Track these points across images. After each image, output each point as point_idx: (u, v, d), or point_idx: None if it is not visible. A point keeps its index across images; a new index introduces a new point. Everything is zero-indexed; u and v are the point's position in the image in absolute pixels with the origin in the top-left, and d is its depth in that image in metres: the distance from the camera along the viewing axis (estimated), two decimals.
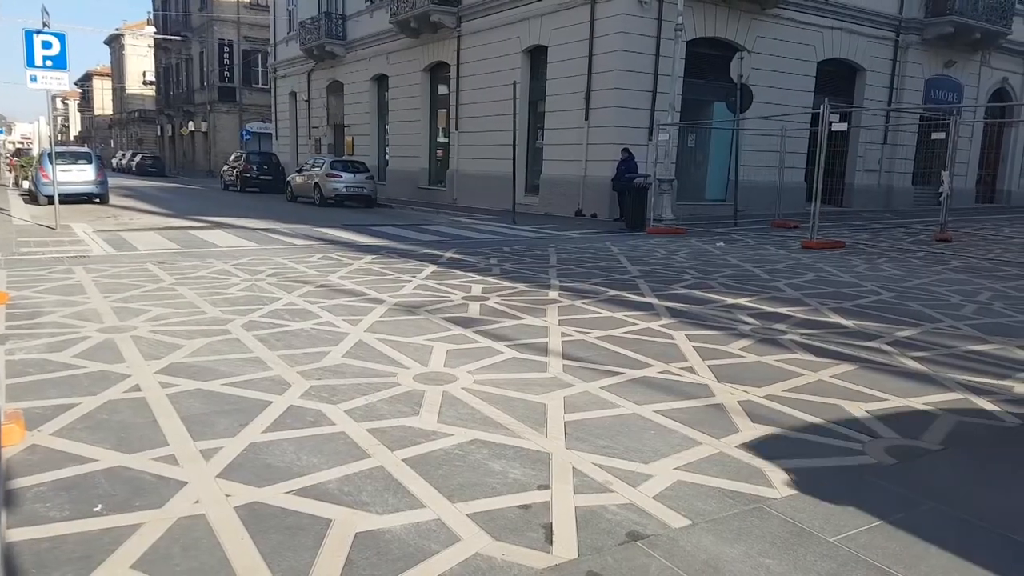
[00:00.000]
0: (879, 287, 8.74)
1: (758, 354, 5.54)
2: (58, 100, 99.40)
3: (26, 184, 23.42)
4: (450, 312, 6.87)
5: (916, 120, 23.30)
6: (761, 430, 3.95)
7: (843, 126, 13.94)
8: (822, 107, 13.03)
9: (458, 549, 2.68)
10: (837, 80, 22.31)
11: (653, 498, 3.13)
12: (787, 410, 4.28)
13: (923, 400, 4.51)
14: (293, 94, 36.52)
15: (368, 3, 28.57)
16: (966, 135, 23.33)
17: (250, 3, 48.62)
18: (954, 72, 24.71)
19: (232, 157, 33.80)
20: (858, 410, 4.30)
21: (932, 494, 3.21)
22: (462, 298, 7.59)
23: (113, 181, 26.03)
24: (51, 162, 14.34)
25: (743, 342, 5.92)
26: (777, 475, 3.38)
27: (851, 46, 22.17)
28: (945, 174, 14.60)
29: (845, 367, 5.20)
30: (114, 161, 57.65)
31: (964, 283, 9.17)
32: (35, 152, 26.84)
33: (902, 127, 23.65)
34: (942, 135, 17.11)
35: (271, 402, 4.23)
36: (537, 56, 21.02)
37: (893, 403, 4.45)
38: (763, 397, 4.50)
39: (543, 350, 5.53)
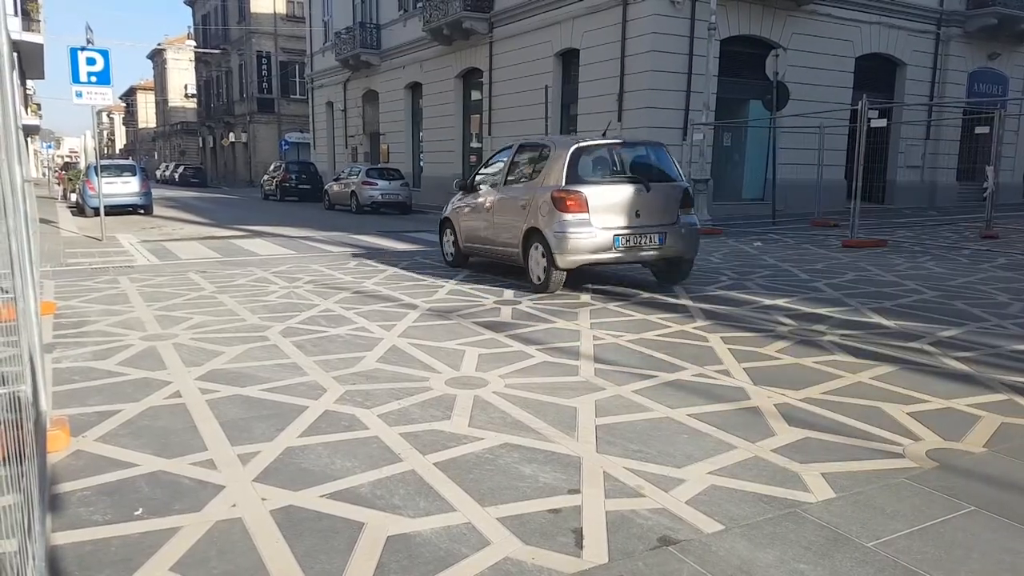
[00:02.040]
0: (922, 286, 8.54)
1: (796, 356, 5.46)
2: (104, 114, 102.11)
3: (74, 197, 24.11)
4: (482, 316, 6.90)
5: (959, 114, 22.74)
6: (798, 433, 3.89)
7: (882, 122, 13.66)
8: (860, 103, 12.79)
9: (488, 553, 2.69)
10: (876, 75, 21.88)
11: (686, 503, 3.10)
12: (825, 413, 4.21)
13: (966, 402, 4.40)
14: (330, 104, 37.02)
15: (401, 12, 28.86)
16: (1012, 129, 22.64)
17: (287, 15, 49.45)
18: (998, 64, 24.07)
19: (272, 167, 34.41)
20: (898, 412, 4.21)
21: (974, 498, 3.13)
22: (494, 302, 7.62)
23: (157, 192, 26.68)
24: (97, 175, 14.76)
25: (780, 344, 5.84)
26: (813, 479, 3.33)
27: (890, 40, 21.74)
28: (989, 169, 14.22)
29: (886, 368, 5.10)
30: (158, 173, 59.08)
31: (1011, 281, 8.92)
32: (82, 166, 27.61)
33: (945, 122, 23.11)
34: (986, 129, 16.67)
35: (307, 407, 4.29)
36: (569, 59, 21.01)
37: (935, 405, 4.35)
38: (800, 400, 4.44)
39: (575, 354, 5.52)
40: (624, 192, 7.96)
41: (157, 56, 76.10)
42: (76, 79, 12.22)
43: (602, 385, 4.72)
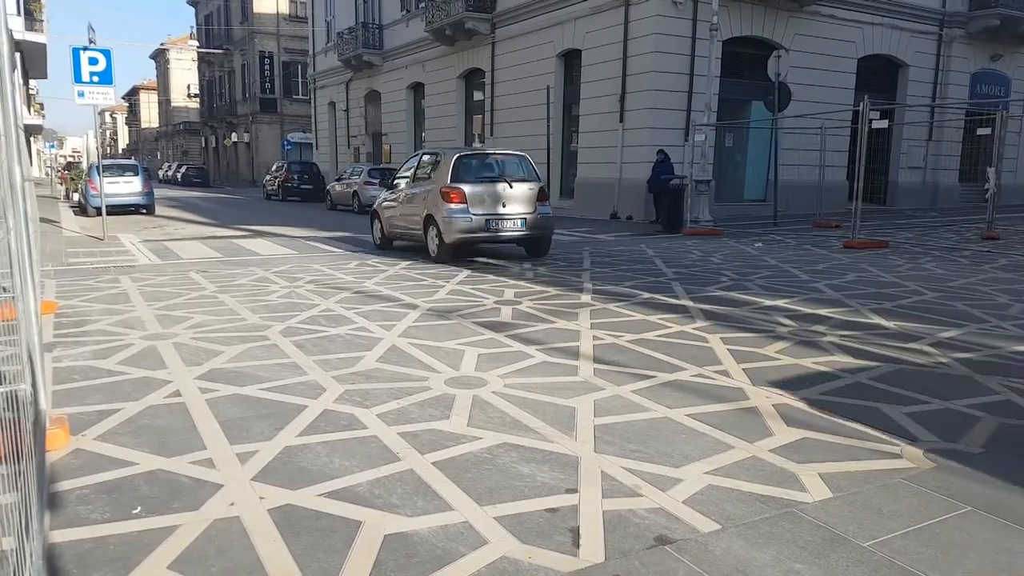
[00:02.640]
0: (923, 287, 8.54)
1: (795, 357, 5.46)
2: (107, 114, 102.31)
3: (76, 196, 24.15)
4: (482, 316, 6.90)
5: (962, 116, 22.72)
6: (796, 434, 3.90)
7: (884, 123, 13.67)
8: (862, 104, 12.79)
9: (485, 552, 2.70)
10: (879, 76, 21.87)
11: (683, 502, 3.11)
12: (823, 413, 4.21)
13: (964, 402, 4.40)
14: (332, 104, 37.06)
15: (404, 13, 28.89)
16: (1014, 130, 22.59)
17: (289, 15, 49.52)
18: (1001, 66, 24.04)
19: (274, 167, 34.45)
20: (897, 412, 4.21)
21: (971, 498, 3.13)
22: (495, 302, 7.63)
23: (159, 192, 26.73)
24: (99, 175, 14.79)
25: (780, 344, 5.84)
26: (811, 479, 3.34)
27: (893, 41, 21.73)
28: (991, 170, 14.20)
29: (885, 369, 5.10)
30: (160, 172, 59.17)
31: (1012, 282, 8.92)
32: (84, 165, 27.67)
33: (947, 123, 23.09)
34: (988, 131, 16.64)
35: (306, 406, 4.30)
36: (571, 60, 21.02)
37: (934, 405, 4.35)
38: (799, 400, 4.44)
39: (574, 354, 5.53)
40: (494, 189, 10.58)
41: (160, 56, 76.23)
42: (78, 79, 12.26)
43: (601, 385, 4.73)
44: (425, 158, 11.89)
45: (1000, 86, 24.04)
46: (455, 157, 10.80)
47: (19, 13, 21.92)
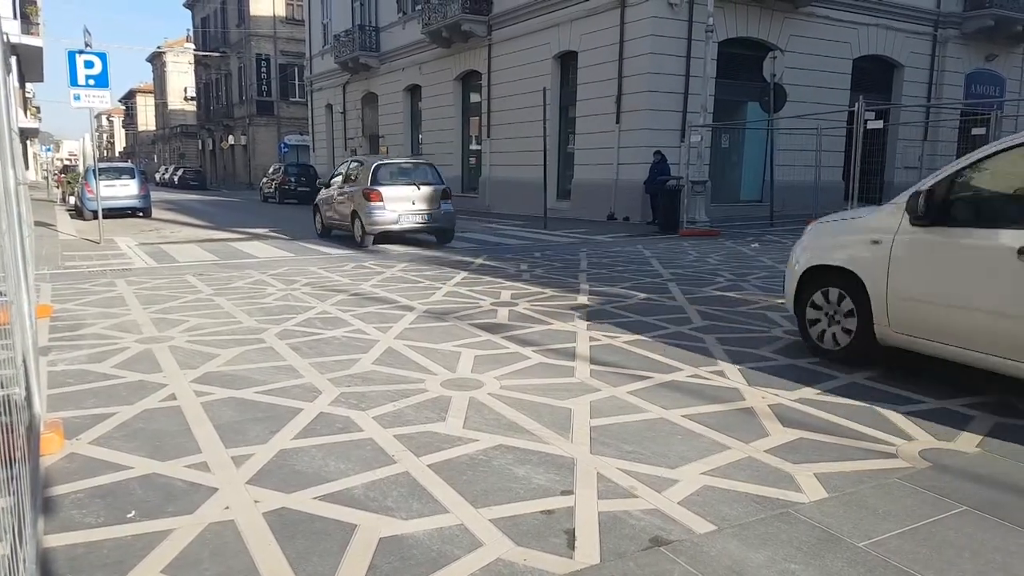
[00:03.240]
0: None
1: (791, 357, 5.46)
2: (103, 117, 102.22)
3: (72, 200, 24.11)
4: (479, 318, 6.90)
5: (957, 116, 22.75)
6: (792, 434, 3.90)
7: (878, 124, 13.69)
8: (857, 105, 12.82)
9: (480, 554, 2.70)
10: (874, 77, 21.91)
11: (678, 503, 3.10)
12: (819, 413, 4.21)
13: (960, 402, 4.41)
14: (329, 106, 37.04)
15: (400, 15, 28.89)
16: (1008, 130, 22.60)
17: (286, 18, 49.47)
18: (995, 66, 24.09)
19: (271, 170, 34.43)
20: (892, 412, 4.22)
21: (966, 498, 3.13)
22: (491, 304, 7.62)
23: (156, 195, 26.70)
24: (95, 178, 14.76)
25: (776, 345, 5.84)
26: (806, 479, 3.34)
27: (888, 42, 21.77)
28: None
29: (880, 369, 5.10)
30: (157, 175, 59.09)
31: None
32: (81, 168, 27.62)
33: (942, 123, 23.11)
34: (983, 130, 16.68)
35: (301, 409, 4.30)
36: (567, 62, 21.03)
37: (929, 405, 4.36)
38: (795, 400, 4.44)
39: (571, 355, 5.52)
40: (406, 190, 13.26)
41: (157, 59, 76.15)
42: (74, 82, 12.23)
43: (597, 386, 4.73)
44: (353, 164, 14.63)
45: (995, 86, 24.09)
46: (374, 165, 13.52)
47: (15, 16, 21.88)
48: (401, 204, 13.11)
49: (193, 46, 63.84)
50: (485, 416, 4.17)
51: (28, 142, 36.55)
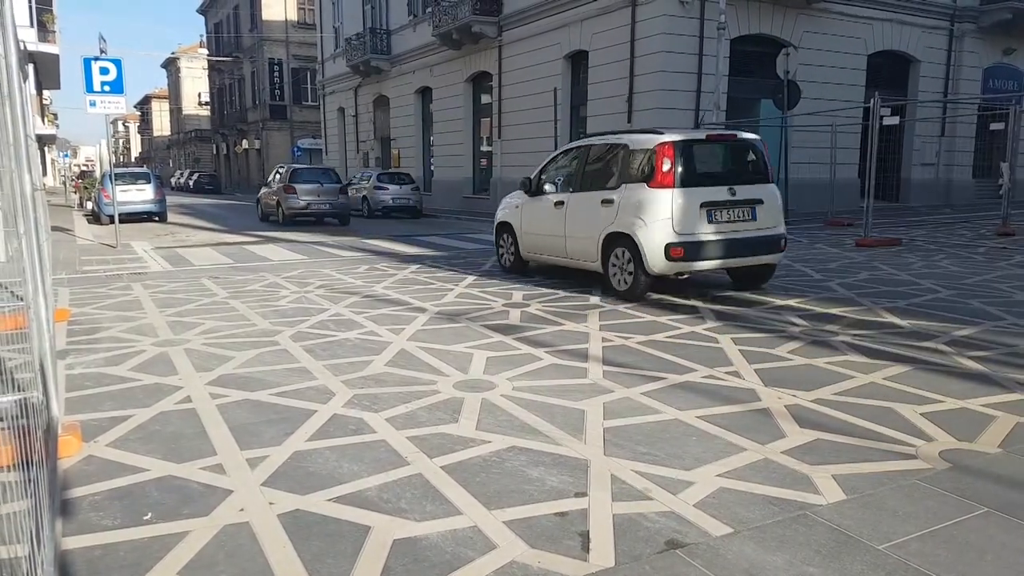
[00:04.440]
0: (937, 285, 8.46)
1: (808, 357, 5.42)
2: (119, 123, 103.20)
3: (89, 205, 24.34)
4: (491, 319, 6.89)
5: (974, 111, 22.53)
6: (809, 435, 3.86)
7: (894, 120, 13.57)
8: (872, 101, 12.70)
9: (494, 557, 2.69)
10: (889, 72, 21.73)
11: (694, 506, 3.08)
12: (837, 414, 4.17)
13: (981, 401, 4.35)
14: (341, 110, 37.19)
15: (411, 17, 28.97)
16: None
17: (298, 22, 49.72)
18: (1014, 60, 23.83)
19: None
20: (911, 413, 4.17)
21: (988, 499, 3.09)
22: (503, 305, 7.61)
23: (171, 199, 26.91)
24: (112, 183, 14.89)
25: (792, 344, 5.79)
26: (824, 481, 3.30)
27: (903, 37, 21.59)
28: (1005, 166, 14.08)
29: (899, 368, 5.05)
30: (173, 180, 59.59)
31: None
32: (97, 174, 27.88)
33: (959, 119, 22.89)
34: (1001, 125, 16.50)
35: (315, 411, 4.30)
36: (578, 61, 21.01)
37: (949, 405, 4.30)
38: (812, 401, 4.40)
39: (583, 356, 5.51)
40: (314, 186, 20.08)
41: (171, 65, 76.79)
42: (90, 88, 12.35)
43: (611, 387, 4.70)
44: (282, 169, 21.56)
45: (1013, 80, 23.84)
46: (291, 167, 21.19)
47: (32, 24, 22.12)
48: (310, 196, 20.06)
49: (206, 51, 64.30)
50: (498, 417, 4.16)
51: (46, 148, 36.94)
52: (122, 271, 10.80)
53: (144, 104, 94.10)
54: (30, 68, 20.48)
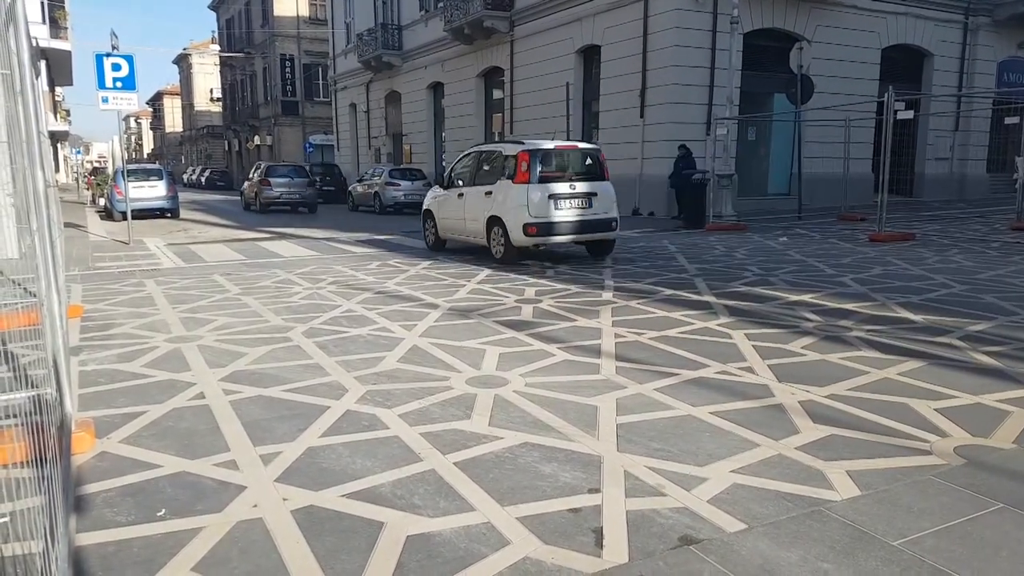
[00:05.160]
0: (951, 280, 8.39)
1: (821, 352, 5.38)
2: (131, 119, 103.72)
3: (102, 201, 24.49)
4: (503, 315, 6.89)
5: (989, 105, 22.31)
6: (823, 431, 3.84)
7: (909, 114, 13.44)
8: (887, 95, 12.60)
9: (507, 553, 2.68)
10: (903, 66, 21.55)
11: (707, 502, 3.06)
12: (851, 410, 4.14)
13: (995, 397, 4.31)
14: (353, 105, 37.25)
15: (423, 13, 28.95)
16: None
17: (310, 18, 49.79)
18: None
19: None
20: (926, 408, 4.13)
21: (1003, 495, 3.06)
22: (515, 301, 7.61)
23: (184, 196, 27.06)
24: (124, 180, 14.96)
25: (806, 340, 5.76)
26: (838, 477, 3.28)
27: (917, 31, 21.39)
28: (1020, 160, 13.94)
29: (913, 364, 5.01)
30: (185, 176, 59.80)
31: None
32: (110, 170, 28.04)
33: (974, 113, 22.67)
34: (1016, 119, 16.32)
35: (328, 407, 4.31)
36: (590, 56, 20.94)
37: (963, 400, 4.27)
38: (826, 397, 4.37)
39: (596, 352, 5.49)
40: (286, 180, 24.43)
41: (183, 61, 77.11)
42: (102, 85, 12.40)
43: (623, 383, 4.69)
44: (261, 166, 26.13)
45: None
46: (265, 165, 26.42)
47: (44, 21, 22.25)
48: (281, 187, 24.17)
49: (218, 47, 64.52)
50: (510, 414, 4.15)
51: (58, 145, 37.17)
52: (135, 267, 10.86)
53: (156, 100, 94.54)
54: (42, 65, 20.59)
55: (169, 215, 21.82)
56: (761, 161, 20.36)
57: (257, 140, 55.75)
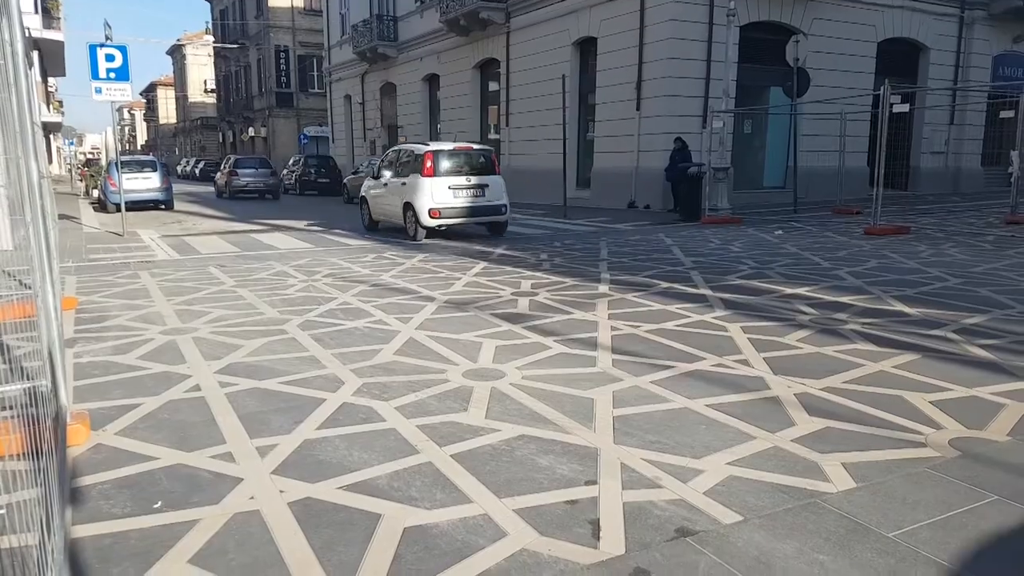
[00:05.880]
0: (945, 273, 8.41)
1: (817, 345, 5.40)
2: (125, 111, 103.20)
3: (96, 193, 24.37)
4: (499, 308, 6.89)
5: (984, 99, 22.34)
6: (818, 423, 3.85)
7: (904, 107, 13.45)
8: (883, 88, 12.60)
9: (505, 544, 2.69)
10: (899, 60, 21.54)
11: (704, 494, 3.07)
12: (846, 402, 4.16)
13: (990, 389, 4.33)
14: (348, 97, 37.11)
15: (418, 3, 28.82)
16: None
17: (304, 9, 49.55)
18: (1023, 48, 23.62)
19: (291, 161, 34.62)
20: (920, 401, 4.15)
21: (997, 487, 3.07)
22: (511, 294, 7.60)
23: (178, 187, 26.95)
24: (118, 171, 14.89)
25: (801, 333, 5.77)
26: (834, 469, 3.29)
27: (913, 24, 21.39)
28: (1015, 154, 13.96)
29: (908, 357, 5.03)
30: (179, 168, 59.57)
31: None
32: (103, 162, 27.89)
33: (969, 107, 22.70)
34: (1011, 114, 16.35)
35: (325, 399, 4.31)
36: (587, 48, 20.89)
37: (958, 393, 4.28)
38: (821, 389, 4.39)
39: (592, 345, 5.49)
40: (252, 170, 28.31)
41: (176, 52, 76.68)
42: (95, 75, 12.34)
43: (620, 376, 4.70)
44: (232, 160, 29.41)
45: (1023, 68, 23.60)
46: (233, 159, 29.29)
47: (36, 11, 22.07)
48: (248, 180, 27.94)
49: (212, 38, 64.12)
50: (507, 406, 4.15)
51: (51, 136, 36.96)
52: (129, 259, 10.83)
53: (150, 92, 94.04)
54: (35, 55, 20.45)
55: (163, 207, 21.73)
56: (757, 154, 20.36)
57: (251, 132, 55.53)
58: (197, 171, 53.52)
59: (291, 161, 34.73)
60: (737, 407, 4.10)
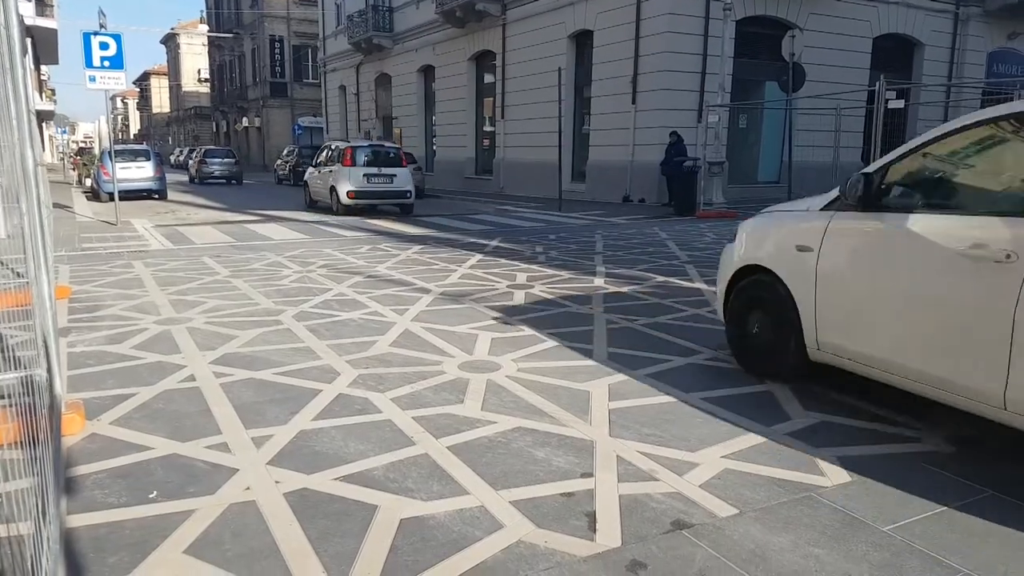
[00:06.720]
0: None
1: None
2: (118, 100, 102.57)
3: (88, 182, 24.23)
4: (495, 301, 6.88)
5: (978, 95, 22.35)
6: (814, 417, 3.86)
7: (899, 103, 13.46)
8: (878, 84, 12.62)
9: (501, 536, 2.69)
10: (894, 56, 21.57)
11: (699, 487, 3.08)
12: (842, 396, 4.17)
13: None
14: (343, 88, 36.97)
15: None
16: None
17: None
18: (1018, 44, 23.65)
19: (285, 152, 34.49)
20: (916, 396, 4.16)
21: (992, 482, 3.09)
22: (507, 286, 7.60)
23: (171, 177, 26.79)
24: (111, 160, 14.81)
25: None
26: (829, 463, 3.30)
27: (908, 20, 21.41)
28: None
29: None
30: (172, 158, 59.27)
31: None
32: (97, 151, 27.73)
33: (964, 103, 22.72)
34: None
35: (320, 390, 4.30)
36: (583, 41, 20.85)
37: None
38: (816, 384, 4.40)
39: (588, 338, 5.50)
40: (218, 160, 33.70)
41: (170, 41, 76.21)
42: (89, 64, 12.24)
43: (616, 369, 4.70)
44: (199, 150, 35.48)
45: (1017, 65, 23.66)
46: (203, 149, 36.46)
47: None
48: (216, 168, 32.71)
49: (207, 27, 63.77)
50: (503, 398, 4.15)
51: (44, 124, 36.71)
52: (123, 249, 10.77)
53: (143, 80, 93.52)
54: (28, 42, 20.30)
55: (157, 196, 21.62)
56: (752, 149, 20.38)
57: (245, 122, 55.32)
58: (190, 161, 53.20)
59: (285, 151, 34.60)
60: (733, 401, 4.11)
